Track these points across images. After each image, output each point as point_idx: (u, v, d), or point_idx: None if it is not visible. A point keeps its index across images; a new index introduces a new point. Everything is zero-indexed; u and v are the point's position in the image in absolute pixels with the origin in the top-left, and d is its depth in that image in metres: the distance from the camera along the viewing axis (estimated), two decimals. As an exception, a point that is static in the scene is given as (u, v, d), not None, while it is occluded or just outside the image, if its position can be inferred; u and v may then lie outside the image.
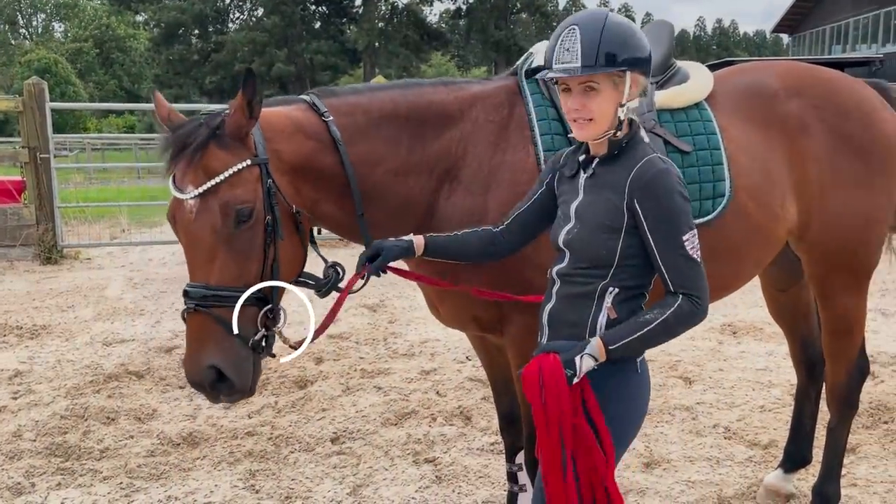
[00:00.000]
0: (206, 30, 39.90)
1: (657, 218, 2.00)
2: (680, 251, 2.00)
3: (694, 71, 2.97)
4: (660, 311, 2.01)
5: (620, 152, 2.08)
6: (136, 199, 14.03)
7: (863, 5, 26.50)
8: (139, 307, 7.24)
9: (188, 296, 2.19)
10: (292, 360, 5.55)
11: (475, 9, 41.10)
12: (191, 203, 2.19)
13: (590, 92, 2.03)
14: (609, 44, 2.00)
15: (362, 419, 4.53)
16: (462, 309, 2.73)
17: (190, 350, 2.21)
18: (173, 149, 2.23)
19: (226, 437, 4.31)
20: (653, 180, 2.00)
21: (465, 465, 3.92)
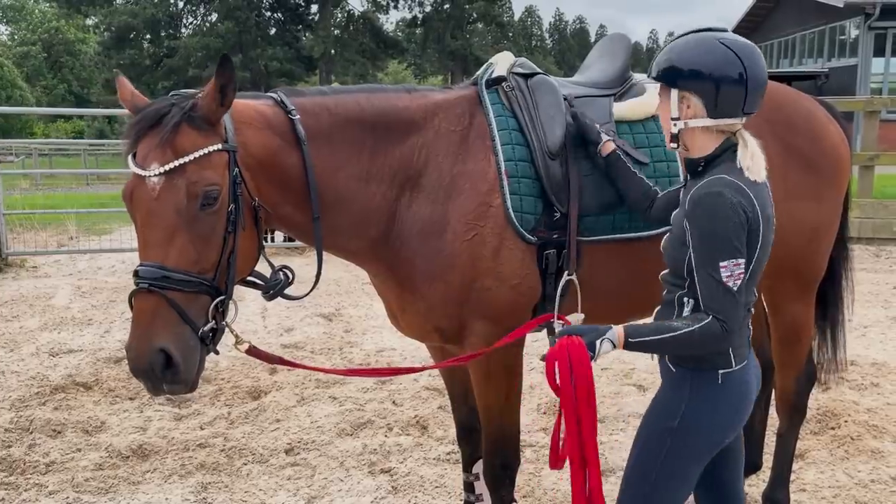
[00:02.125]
0: (159, 34, 39.18)
1: (699, 237, 2.06)
2: (713, 274, 2.03)
3: (651, 84, 3.01)
4: (689, 322, 2.06)
5: (703, 170, 2.16)
6: (85, 206, 13.76)
7: (809, 21, 27.26)
8: (87, 316, 7.06)
9: (139, 275, 2.09)
10: (247, 372, 5.48)
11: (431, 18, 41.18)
12: (154, 180, 2.10)
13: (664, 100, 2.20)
14: (662, 59, 2.16)
15: (317, 430, 4.47)
16: (424, 319, 2.72)
17: (138, 331, 2.09)
18: (140, 126, 2.16)
19: (177, 449, 4.22)
20: (701, 200, 2.05)
21: (421, 475, 3.90)
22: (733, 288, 2.03)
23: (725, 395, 2.17)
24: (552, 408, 4.74)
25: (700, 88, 2.09)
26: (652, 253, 2.77)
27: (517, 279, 2.63)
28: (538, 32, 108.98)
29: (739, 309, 2.06)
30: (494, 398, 2.78)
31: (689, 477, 2.23)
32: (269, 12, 41.39)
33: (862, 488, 3.73)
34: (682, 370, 2.17)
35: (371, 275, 2.87)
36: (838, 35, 25.96)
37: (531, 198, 2.62)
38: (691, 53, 2.11)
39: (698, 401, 2.15)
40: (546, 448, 4.22)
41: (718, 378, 2.16)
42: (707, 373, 2.16)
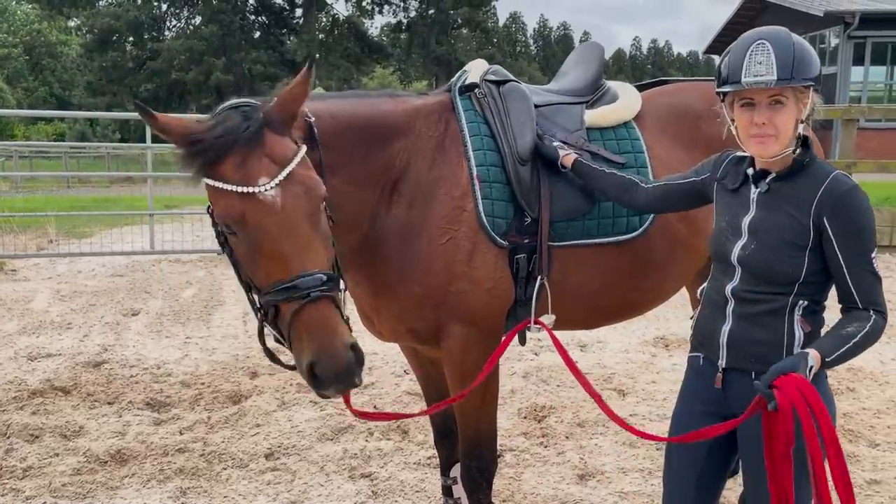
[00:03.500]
0: (142, 37, 38.91)
1: (848, 235, 2.01)
2: (868, 267, 2.03)
3: (623, 91, 3.07)
4: (859, 324, 2.02)
5: (800, 170, 2.09)
6: (66, 209, 13.65)
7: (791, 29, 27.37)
8: (66, 320, 7.01)
9: (307, 286, 2.00)
10: (228, 376, 5.46)
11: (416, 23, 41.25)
12: (272, 193, 2.02)
13: (776, 106, 2.05)
14: (800, 58, 2.03)
15: (298, 434, 4.46)
16: (399, 321, 2.74)
17: (334, 337, 2.02)
18: (218, 149, 2.05)
19: (156, 454, 4.20)
20: (844, 197, 2.02)
21: (401, 480, 3.90)
22: (881, 276, 2.05)
23: (829, 388, 2.17)
24: (532, 412, 4.76)
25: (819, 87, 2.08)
26: (622, 258, 2.81)
27: (491, 282, 2.65)
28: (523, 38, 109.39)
29: (883, 295, 2.07)
30: (470, 402, 2.79)
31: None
32: (253, 16, 41.29)
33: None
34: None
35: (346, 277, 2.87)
36: (818, 44, 26.26)
37: (503, 202, 2.65)
38: (810, 51, 2.05)
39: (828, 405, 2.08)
40: (526, 453, 4.24)
41: (826, 376, 2.15)
42: (820, 373, 2.09)
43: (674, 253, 2.92)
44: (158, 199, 13.85)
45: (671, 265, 2.96)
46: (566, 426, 4.56)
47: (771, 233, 2.09)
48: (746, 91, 2.06)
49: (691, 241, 2.95)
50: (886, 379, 5.34)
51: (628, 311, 3.13)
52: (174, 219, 12.32)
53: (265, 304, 2.08)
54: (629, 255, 2.83)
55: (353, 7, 41.29)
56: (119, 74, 37.42)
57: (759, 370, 2.13)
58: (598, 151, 2.82)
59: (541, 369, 5.51)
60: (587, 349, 6.15)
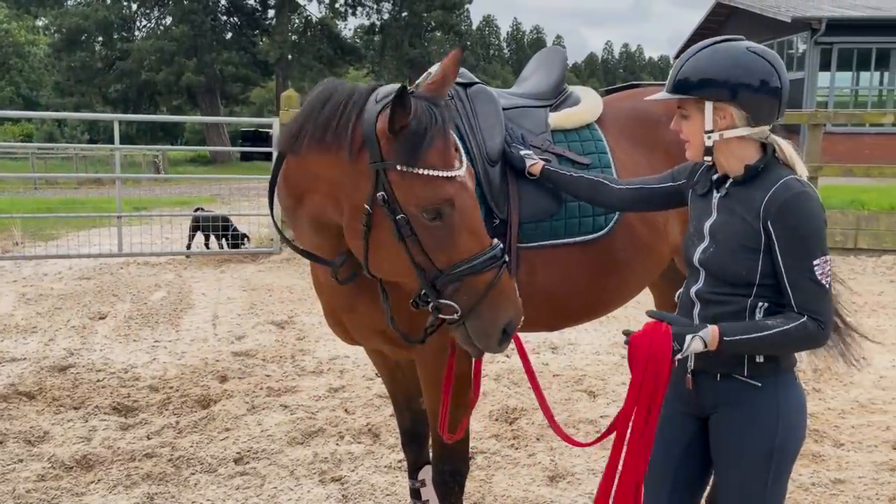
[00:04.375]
0: (111, 37, 38.32)
1: (789, 239, 2.04)
2: (808, 274, 2.03)
3: (585, 95, 3.13)
4: (783, 320, 2.04)
5: (756, 175, 2.13)
6: (32, 211, 13.43)
7: (759, 34, 27.88)
8: (31, 324, 6.89)
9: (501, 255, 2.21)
10: (197, 380, 5.40)
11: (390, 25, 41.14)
12: (464, 175, 2.22)
13: (685, 118, 2.17)
14: (692, 71, 2.10)
15: (267, 438, 4.43)
16: (372, 322, 2.71)
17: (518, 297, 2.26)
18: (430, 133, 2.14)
19: (122, 459, 4.14)
20: (789, 202, 2.04)
21: (372, 484, 3.88)
22: (826, 285, 2.04)
23: (801, 391, 2.20)
24: (504, 414, 4.77)
25: (742, 98, 2.08)
26: (586, 258, 2.84)
27: None
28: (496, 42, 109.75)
29: (830, 305, 2.06)
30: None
31: (786, 485, 2.23)
32: (224, 16, 40.92)
33: (803, 491, 3.83)
34: (768, 380, 2.13)
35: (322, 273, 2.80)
36: (786, 49, 26.66)
37: None
38: (725, 64, 2.08)
39: (789, 409, 2.14)
40: (497, 455, 4.24)
41: (796, 378, 2.19)
42: (788, 375, 2.16)
43: (635, 254, 2.96)
44: (127, 201, 13.69)
45: (632, 266, 3.00)
46: (537, 428, 4.58)
47: (727, 236, 2.14)
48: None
49: (651, 243, 2.99)
50: (851, 379, 5.42)
51: (591, 312, 3.16)
52: (143, 221, 12.17)
53: (452, 278, 2.16)
54: (593, 255, 2.86)
55: (326, 8, 41.12)
56: (88, 75, 36.88)
57: (725, 372, 2.17)
58: (563, 153, 2.86)
59: (512, 371, 5.53)
60: (558, 351, 6.18)
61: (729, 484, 2.22)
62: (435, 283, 2.17)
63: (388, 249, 2.20)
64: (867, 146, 21.77)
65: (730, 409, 2.17)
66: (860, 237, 10.13)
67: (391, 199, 2.15)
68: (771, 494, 2.18)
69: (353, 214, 2.25)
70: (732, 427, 2.18)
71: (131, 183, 19.59)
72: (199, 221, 10.66)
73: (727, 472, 2.22)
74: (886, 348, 6.23)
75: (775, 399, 2.13)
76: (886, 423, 4.61)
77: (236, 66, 37.49)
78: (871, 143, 22.04)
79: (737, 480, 2.19)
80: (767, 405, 2.13)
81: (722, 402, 2.19)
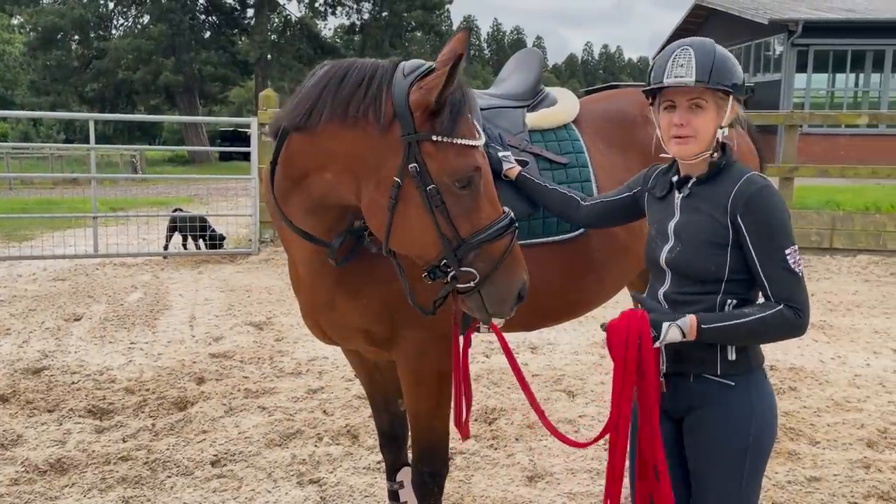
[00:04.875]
0: (88, 35, 37.87)
1: (760, 232, 2.07)
2: (782, 264, 2.06)
3: (561, 95, 3.16)
4: (760, 308, 2.06)
5: (718, 173, 2.16)
6: (6, 212, 13.27)
7: (737, 36, 28.18)
8: (5, 326, 6.79)
9: (513, 223, 2.28)
10: (173, 382, 5.35)
11: (370, 25, 41.03)
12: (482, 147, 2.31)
13: (696, 109, 2.13)
14: (721, 65, 2.11)
15: (245, 440, 4.40)
16: (352, 321, 2.69)
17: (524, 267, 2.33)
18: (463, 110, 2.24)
19: (97, 462, 4.09)
20: (755, 196, 2.08)
21: (350, 485, 3.87)
22: (799, 273, 2.07)
23: (771, 389, 2.22)
24: (483, 415, 4.77)
25: (740, 96, 2.17)
26: (564, 257, 2.85)
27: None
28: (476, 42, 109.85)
29: (806, 292, 2.08)
30: (425, 405, 2.78)
31: (760, 482, 2.25)
32: (203, 15, 40.58)
33: (780, 489, 3.86)
34: (742, 377, 2.15)
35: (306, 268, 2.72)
36: (763, 51, 26.93)
37: None
38: (734, 61, 2.15)
39: (762, 407, 2.16)
40: (476, 455, 4.24)
41: (765, 375, 2.21)
42: (759, 373, 2.19)
43: (612, 254, 2.97)
44: (103, 202, 13.55)
45: (609, 266, 3.01)
46: (516, 428, 4.58)
47: (694, 234, 2.16)
48: (669, 93, 2.16)
49: (628, 243, 3.00)
50: (826, 378, 5.48)
51: (568, 312, 3.17)
52: (119, 221, 12.06)
53: (473, 245, 2.21)
54: (570, 254, 2.87)
55: (305, 8, 40.92)
56: (64, 73, 36.45)
57: (699, 372, 2.18)
58: (541, 152, 2.87)
59: (492, 372, 5.53)
60: (538, 351, 6.19)
61: (705, 483, 2.23)
62: (457, 252, 2.21)
63: (416, 221, 2.22)
64: (842, 147, 22.04)
65: (704, 409, 2.19)
66: (835, 237, 10.24)
67: (423, 171, 2.18)
68: (747, 492, 2.20)
69: (380, 189, 2.24)
70: (708, 427, 2.19)
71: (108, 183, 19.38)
72: (177, 222, 10.57)
73: (703, 471, 2.23)
74: (861, 347, 6.31)
75: (748, 397, 2.15)
76: (861, 421, 4.66)
77: (215, 65, 37.21)
78: (846, 144, 22.32)
79: (713, 479, 2.21)
80: (741, 403, 2.15)
81: (696, 402, 2.21)
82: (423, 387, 2.74)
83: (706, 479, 2.23)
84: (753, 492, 2.22)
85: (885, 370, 5.68)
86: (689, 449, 2.26)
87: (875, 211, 11.40)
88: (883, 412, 4.82)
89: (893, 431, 4.51)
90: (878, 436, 4.46)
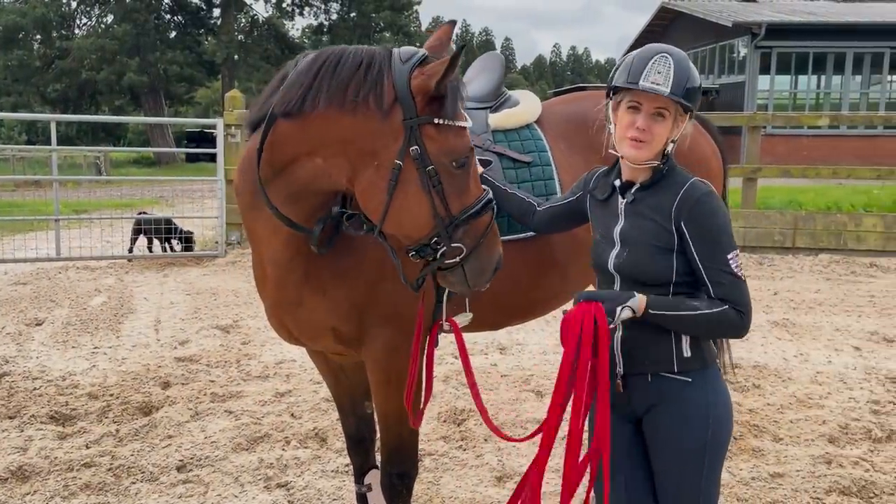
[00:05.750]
0: (50, 35, 37.23)
1: (703, 238, 2.11)
2: (724, 268, 2.11)
3: (523, 97, 3.21)
4: (707, 304, 2.11)
5: (661, 179, 2.19)
6: (-34, 214, 12.97)
7: (702, 38, 28.57)
8: (-35, 332, 6.65)
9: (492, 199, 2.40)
10: (138, 387, 5.28)
11: (338, 26, 40.81)
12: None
13: (658, 118, 2.16)
14: (692, 83, 2.15)
15: (211, 445, 4.35)
16: (320, 319, 2.68)
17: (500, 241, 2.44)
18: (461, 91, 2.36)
19: (60, 469, 4.02)
20: (699, 202, 2.12)
21: (318, 489, 3.84)
22: (741, 276, 2.12)
23: (726, 385, 2.27)
24: (452, 416, 4.77)
25: (692, 113, 2.22)
26: (528, 256, 2.87)
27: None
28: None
29: (748, 294, 2.13)
30: (394, 405, 2.77)
31: (720, 477, 2.29)
32: (168, 15, 40.10)
33: (744, 486, 3.91)
34: (698, 373, 2.20)
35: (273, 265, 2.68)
36: (728, 53, 27.31)
37: None
38: (699, 82, 2.19)
39: (718, 402, 2.21)
40: (445, 456, 4.24)
41: (720, 371, 2.27)
42: (713, 369, 2.24)
43: (574, 253, 3.01)
44: (66, 204, 13.34)
45: (571, 264, 3.05)
46: (485, 429, 4.58)
47: (640, 239, 2.20)
48: (637, 95, 2.18)
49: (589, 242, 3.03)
50: (789, 375, 5.57)
51: (533, 310, 3.20)
52: (83, 224, 11.87)
53: (462, 222, 2.31)
54: (534, 253, 2.90)
55: (272, 8, 40.63)
56: (25, 74, 35.77)
57: (655, 371, 2.23)
58: (504, 152, 2.92)
59: (460, 372, 5.52)
60: (506, 351, 6.20)
61: (666, 480, 2.27)
62: (448, 228, 2.29)
63: (414, 201, 2.28)
64: (805, 147, 22.44)
65: (663, 407, 2.23)
66: (798, 236, 10.41)
67: (423, 153, 2.25)
68: (707, 487, 2.24)
69: (380, 172, 2.28)
70: (667, 424, 2.23)
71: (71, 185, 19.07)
72: (142, 224, 10.43)
73: (664, 468, 2.27)
74: (823, 344, 6.42)
75: (705, 393, 2.20)
76: (823, 418, 4.74)
77: (181, 65, 36.77)
78: (808, 145, 22.72)
79: (674, 476, 2.25)
80: (698, 399, 2.20)
81: (654, 401, 2.24)
82: (391, 386, 2.74)
83: (668, 476, 2.27)
84: (714, 485, 2.27)
85: (845, 367, 5.79)
86: (650, 448, 2.29)
87: (836, 211, 11.62)
88: (844, 408, 4.91)
89: (854, 427, 4.59)
90: (839, 432, 4.54)
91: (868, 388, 5.31)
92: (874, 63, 24.99)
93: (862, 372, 5.66)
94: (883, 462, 4.16)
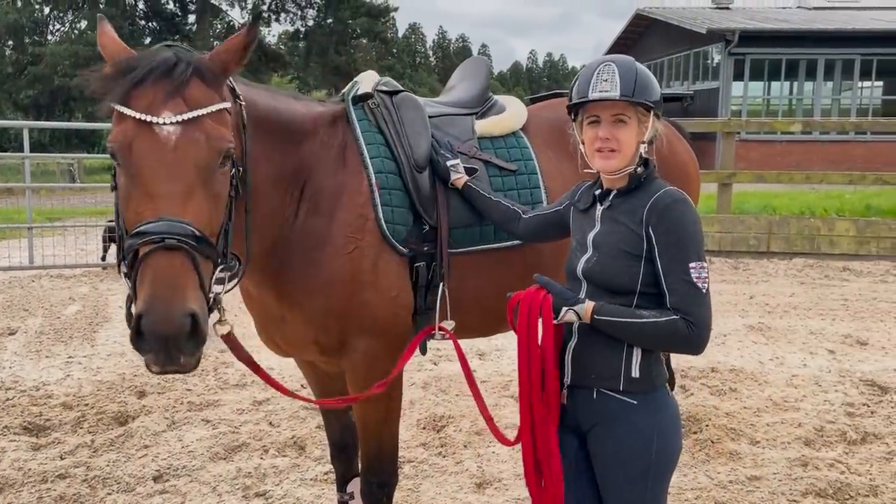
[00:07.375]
0: (22, 40, 36.84)
1: (668, 243, 2.09)
2: (684, 276, 2.07)
3: (509, 103, 3.19)
4: (656, 314, 2.08)
5: (638, 186, 2.18)
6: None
7: (676, 45, 28.87)
8: (-65, 342, 6.54)
9: (168, 231, 1.84)
10: (113, 396, 5.21)
11: (314, 32, 40.73)
12: (169, 129, 1.92)
13: (619, 124, 2.15)
14: (643, 81, 2.15)
15: (188, 455, 4.30)
16: (301, 332, 2.68)
17: (168, 291, 1.82)
18: (140, 72, 1.95)
19: (34, 481, 3.96)
20: (668, 208, 2.11)
21: (297, 497, 3.82)
22: (702, 289, 2.07)
23: (675, 405, 2.24)
24: (431, 422, 4.76)
25: (659, 109, 2.22)
26: (515, 262, 2.87)
27: (395, 291, 2.65)
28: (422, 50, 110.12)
29: (707, 309, 2.09)
30: (373, 414, 2.77)
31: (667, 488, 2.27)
32: (143, 21, 39.83)
33: (721, 489, 3.94)
34: (644, 396, 2.16)
35: (252, 285, 2.73)
36: (702, 59, 27.61)
37: (402, 209, 2.67)
38: (651, 79, 2.19)
39: (665, 422, 2.17)
40: (425, 463, 4.23)
41: (668, 392, 2.22)
42: (661, 390, 2.20)
43: (561, 258, 3.00)
44: (39, 212, 13.16)
45: (559, 270, 3.04)
46: (464, 435, 4.58)
47: (612, 244, 2.19)
48: (593, 108, 2.19)
49: None
50: (766, 378, 5.62)
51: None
52: (56, 232, 11.72)
53: (127, 249, 1.90)
54: (521, 259, 2.89)
55: (248, 14, 40.47)
56: (-3, 80, 35.34)
57: (601, 386, 2.20)
58: (490, 159, 2.90)
59: (440, 379, 5.53)
60: (486, 357, 6.21)
61: (611, 498, 2.26)
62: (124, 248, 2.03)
63: None
64: (779, 153, 22.73)
65: (606, 427, 2.20)
66: (772, 241, 10.53)
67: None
68: (651, 500, 2.22)
69: None
70: (610, 448, 2.20)
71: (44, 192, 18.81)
72: (113, 232, 10.29)
73: (607, 487, 2.26)
74: (798, 347, 6.49)
75: (650, 417, 2.16)
76: (798, 421, 4.79)
77: (156, 71, 36.44)
78: (782, 150, 23.02)
79: (619, 493, 2.23)
80: (641, 423, 2.16)
81: (599, 419, 2.21)
82: (370, 396, 2.73)
83: (612, 492, 2.25)
84: (658, 497, 2.24)
85: (820, 370, 5.85)
86: (594, 465, 2.28)
87: (810, 215, 11.77)
88: (819, 411, 4.96)
89: (829, 430, 4.65)
90: (814, 434, 4.59)
91: (842, 390, 5.38)
92: (845, 69, 25.38)
93: (836, 375, 5.73)
94: (858, 464, 4.21)
